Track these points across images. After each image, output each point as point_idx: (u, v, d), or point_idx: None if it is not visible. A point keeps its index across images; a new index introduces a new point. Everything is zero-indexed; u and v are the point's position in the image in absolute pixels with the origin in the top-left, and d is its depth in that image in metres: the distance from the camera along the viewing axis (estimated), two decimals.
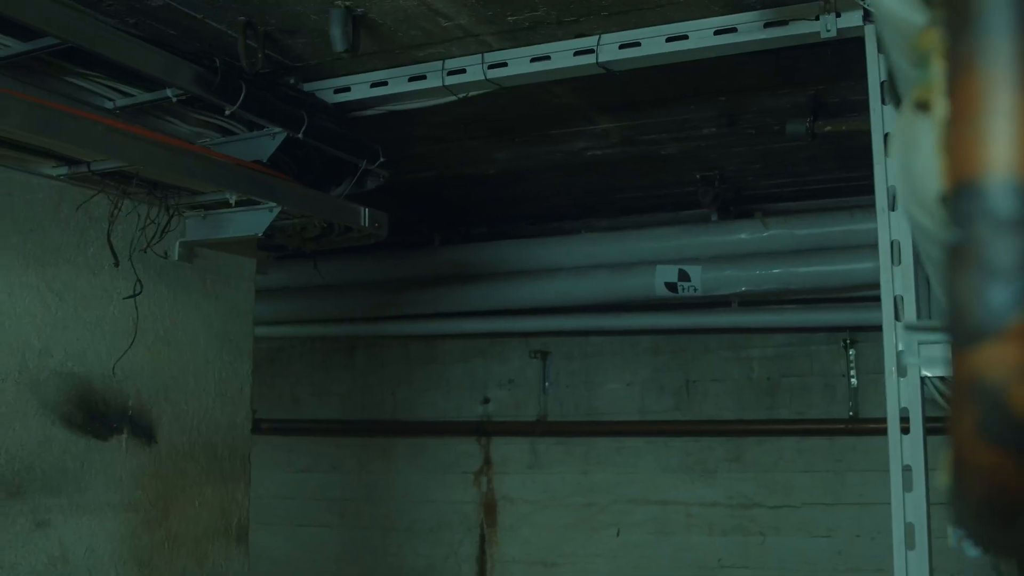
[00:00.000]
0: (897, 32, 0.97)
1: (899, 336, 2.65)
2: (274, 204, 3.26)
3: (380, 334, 6.70)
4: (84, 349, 3.12)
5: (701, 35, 3.14)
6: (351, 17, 3.07)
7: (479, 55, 3.40)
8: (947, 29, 0.63)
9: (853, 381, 5.58)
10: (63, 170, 2.99)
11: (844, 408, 5.59)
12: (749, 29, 3.08)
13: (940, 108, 0.64)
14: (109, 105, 3.07)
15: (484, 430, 6.60)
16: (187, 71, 3.01)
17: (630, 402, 6.20)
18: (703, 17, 3.12)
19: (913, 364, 2.63)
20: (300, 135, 3.39)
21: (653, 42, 3.19)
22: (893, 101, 2.55)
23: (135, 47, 2.88)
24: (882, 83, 2.74)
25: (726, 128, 4.30)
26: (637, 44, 3.20)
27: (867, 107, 2.78)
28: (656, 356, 6.15)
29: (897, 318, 2.66)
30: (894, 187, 2.67)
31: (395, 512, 6.82)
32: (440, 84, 3.48)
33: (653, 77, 3.51)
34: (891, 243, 2.68)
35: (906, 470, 2.59)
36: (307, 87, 3.63)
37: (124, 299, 3.24)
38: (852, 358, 5.60)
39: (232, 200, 3.19)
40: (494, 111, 3.99)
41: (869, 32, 2.84)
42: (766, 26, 3.05)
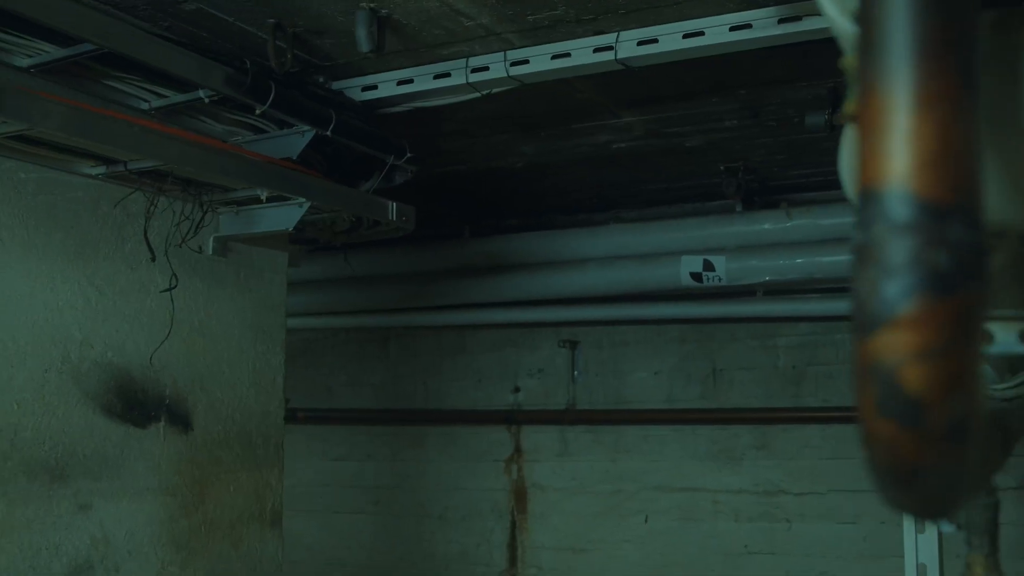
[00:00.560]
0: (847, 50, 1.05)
1: None
2: (304, 200, 3.38)
3: (412, 325, 6.80)
4: (123, 341, 3.25)
5: (717, 31, 3.21)
6: (376, 18, 3.17)
7: (501, 53, 3.49)
8: (859, 53, 0.72)
9: None
10: (101, 169, 3.12)
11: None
12: (764, 25, 3.15)
13: (852, 124, 0.73)
14: (145, 106, 3.20)
15: (514, 419, 6.70)
16: (219, 73, 3.13)
17: (657, 391, 6.28)
18: (719, 14, 3.19)
19: None
20: (328, 132, 3.50)
21: (670, 39, 3.27)
22: None
23: (168, 51, 3.01)
24: None
25: (749, 120, 4.36)
26: (655, 41, 3.28)
27: None
28: (683, 345, 6.23)
29: None
30: None
31: (428, 500, 6.94)
32: (464, 81, 3.57)
33: (674, 71, 3.58)
34: None
35: None
36: (335, 85, 3.73)
37: (160, 292, 3.37)
38: None
39: (263, 196, 3.31)
40: (519, 107, 4.08)
41: None
42: (780, 22, 3.12)
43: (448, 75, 3.59)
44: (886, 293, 0.70)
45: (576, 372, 6.53)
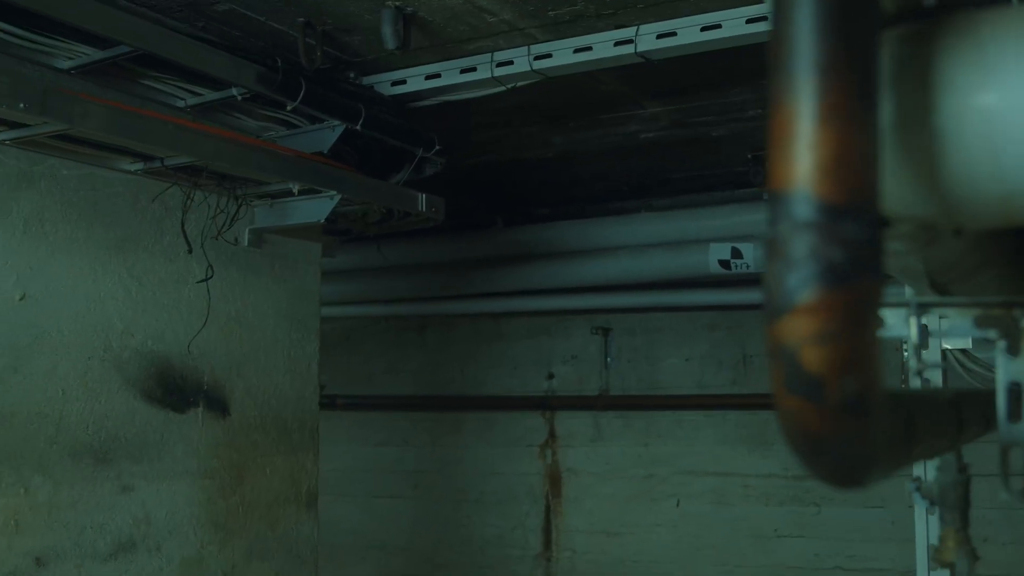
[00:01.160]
0: None
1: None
2: (335, 192, 3.49)
3: (449, 313, 6.91)
4: (162, 329, 3.40)
5: (734, 24, 3.28)
6: (401, 16, 3.28)
7: (525, 47, 3.58)
8: (770, 69, 0.81)
9: (905, 353, 5.66)
10: (139, 166, 3.25)
11: (896, 380, 5.67)
12: None
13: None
14: (180, 104, 3.33)
15: (549, 405, 6.80)
16: (250, 71, 3.25)
17: (689, 376, 6.36)
18: (735, 7, 3.26)
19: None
20: (358, 127, 3.61)
21: (688, 31, 3.34)
22: None
23: (202, 50, 3.13)
24: None
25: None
26: (673, 34, 3.36)
27: None
28: (713, 332, 6.30)
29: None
30: None
31: (465, 484, 7.07)
32: (490, 75, 3.67)
33: (696, 63, 3.64)
34: None
35: None
36: (365, 81, 3.84)
37: (198, 283, 3.51)
38: None
39: (295, 189, 3.43)
40: (546, 99, 4.17)
41: None
42: None
43: (474, 69, 3.69)
44: (788, 283, 0.79)
45: (609, 359, 6.62)
